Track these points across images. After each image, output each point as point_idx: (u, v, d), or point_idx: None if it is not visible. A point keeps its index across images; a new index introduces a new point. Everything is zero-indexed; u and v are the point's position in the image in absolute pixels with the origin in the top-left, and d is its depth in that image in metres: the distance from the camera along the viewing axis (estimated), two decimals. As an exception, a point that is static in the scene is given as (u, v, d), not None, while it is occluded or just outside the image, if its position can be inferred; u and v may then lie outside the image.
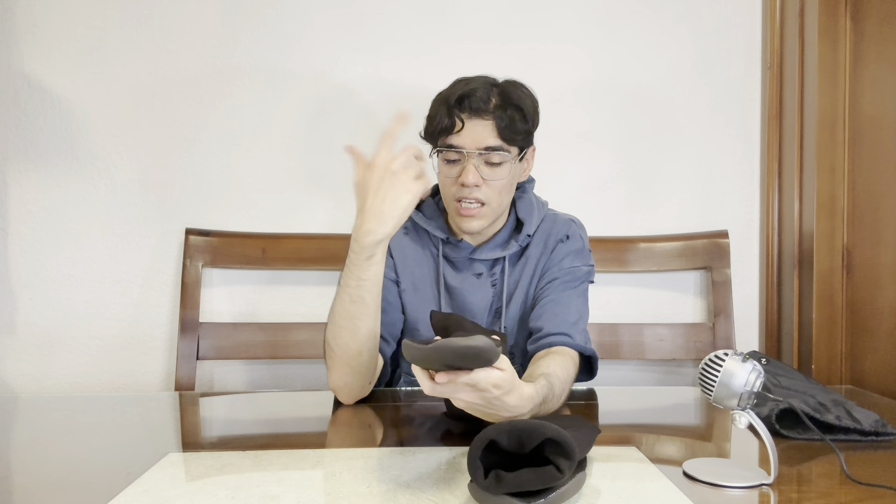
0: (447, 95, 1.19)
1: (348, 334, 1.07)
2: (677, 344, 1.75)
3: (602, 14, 1.78)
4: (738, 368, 0.79)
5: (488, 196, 1.18)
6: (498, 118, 1.16)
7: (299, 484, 0.79)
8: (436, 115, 1.19)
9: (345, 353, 1.08)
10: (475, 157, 1.16)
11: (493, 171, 1.18)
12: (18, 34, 1.67)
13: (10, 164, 1.68)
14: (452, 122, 1.16)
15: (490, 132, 1.16)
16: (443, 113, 1.17)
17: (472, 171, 1.16)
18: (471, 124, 1.16)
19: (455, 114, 1.16)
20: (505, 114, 1.16)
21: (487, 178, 1.17)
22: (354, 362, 1.09)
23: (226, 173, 1.73)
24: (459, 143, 1.17)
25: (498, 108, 1.16)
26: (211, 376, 1.76)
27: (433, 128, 1.19)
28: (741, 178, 1.82)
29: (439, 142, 1.19)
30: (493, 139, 1.16)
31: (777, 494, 0.79)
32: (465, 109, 1.16)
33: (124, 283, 1.72)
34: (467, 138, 1.16)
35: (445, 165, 1.20)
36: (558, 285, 1.22)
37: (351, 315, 1.06)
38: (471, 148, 1.16)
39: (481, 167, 1.17)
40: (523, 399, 0.86)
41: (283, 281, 1.75)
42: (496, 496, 0.69)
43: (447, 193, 1.21)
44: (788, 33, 1.73)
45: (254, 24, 1.73)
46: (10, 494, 0.79)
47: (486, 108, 1.16)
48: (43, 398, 1.42)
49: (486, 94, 1.17)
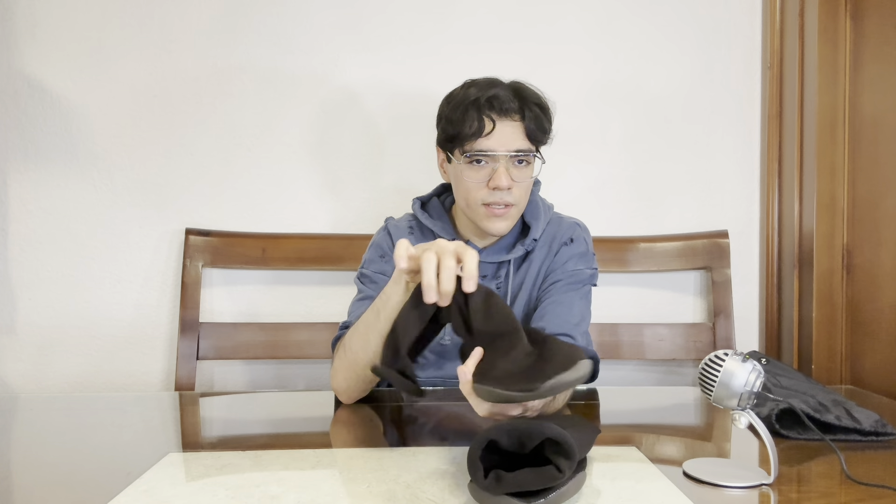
0: (471, 98, 1.16)
1: (361, 343, 1.05)
2: (677, 344, 1.75)
3: (602, 15, 1.78)
4: (738, 368, 0.79)
5: (517, 197, 1.18)
6: (526, 119, 1.16)
7: (299, 484, 0.79)
8: (462, 120, 1.16)
9: (354, 359, 1.06)
10: (506, 160, 1.16)
11: (521, 172, 1.18)
12: (18, 34, 1.67)
13: (10, 164, 1.68)
14: (483, 124, 1.15)
15: (519, 134, 1.16)
16: (472, 116, 1.15)
17: (505, 174, 1.15)
18: (501, 126, 1.15)
19: (486, 116, 1.15)
20: (532, 113, 1.16)
21: (517, 180, 1.17)
22: (360, 371, 1.07)
23: (226, 173, 1.73)
24: (490, 146, 1.15)
25: (523, 109, 1.16)
26: (211, 376, 1.76)
27: (460, 132, 1.16)
28: (741, 178, 1.82)
29: (466, 146, 1.17)
30: (522, 141, 1.16)
31: (777, 494, 0.79)
32: (496, 111, 1.15)
33: (124, 283, 1.72)
34: (497, 141, 1.15)
35: (471, 170, 1.17)
36: (561, 287, 1.22)
37: (368, 324, 1.03)
38: (502, 151, 1.15)
39: (511, 169, 1.16)
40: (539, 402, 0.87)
41: (283, 281, 1.75)
42: (496, 496, 0.69)
43: (474, 197, 1.18)
44: (788, 33, 1.73)
45: (254, 25, 1.73)
46: (10, 494, 0.79)
47: (514, 108, 1.16)
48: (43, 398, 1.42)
49: (509, 96, 1.16)
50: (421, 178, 1.73)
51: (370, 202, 1.76)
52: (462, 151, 1.17)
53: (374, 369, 0.89)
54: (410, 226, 1.31)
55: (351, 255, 1.66)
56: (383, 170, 1.77)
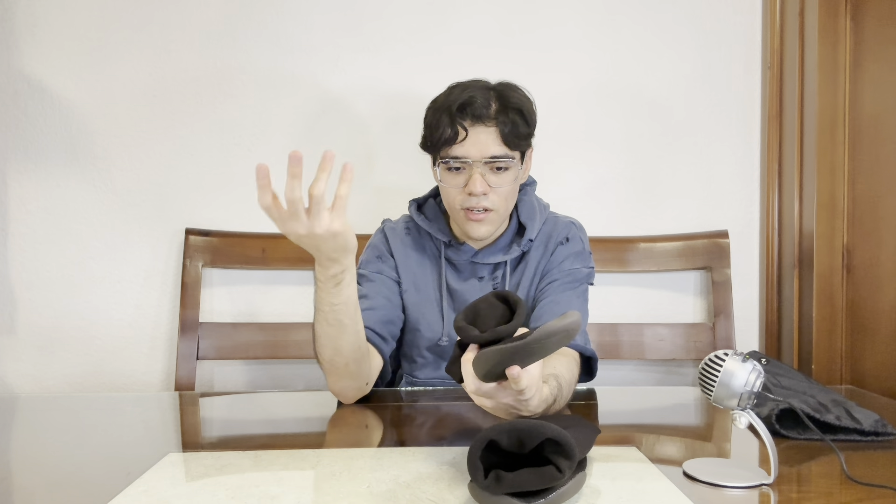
0: (446, 104, 1.16)
1: (331, 352, 1.04)
2: (677, 344, 1.75)
3: (602, 14, 1.78)
4: (738, 368, 0.79)
5: (495, 202, 1.18)
6: (501, 124, 1.14)
7: (299, 484, 0.79)
8: (437, 126, 1.16)
9: (332, 365, 1.07)
10: (480, 165, 1.15)
11: (498, 177, 1.17)
12: (18, 34, 1.67)
13: (10, 164, 1.68)
14: (455, 131, 1.14)
15: (494, 139, 1.15)
16: (445, 123, 1.14)
17: (479, 180, 1.14)
18: (474, 132, 1.14)
19: (457, 123, 1.14)
20: (507, 118, 1.15)
21: (494, 186, 1.16)
22: (344, 371, 1.08)
23: (226, 173, 1.73)
24: (464, 153, 1.15)
25: (499, 114, 1.15)
26: (211, 376, 1.76)
27: (434, 138, 1.16)
28: (741, 178, 1.82)
29: (442, 152, 1.17)
30: (497, 147, 1.15)
31: (777, 494, 0.79)
32: (468, 117, 1.14)
33: (124, 283, 1.72)
34: (472, 147, 1.15)
35: (449, 175, 1.18)
36: (558, 286, 1.22)
37: (331, 336, 1.03)
38: (476, 157, 1.15)
39: (487, 175, 1.15)
40: (541, 401, 0.87)
41: (283, 281, 1.75)
42: (496, 496, 0.69)
43: (453, 203, 1.19)
44: (788, 33, 1.73)
45: (254, 25, 1.73)
46: (10, 494, 0.79)
47: (488, 114, 1.14)
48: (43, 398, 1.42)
49: (486, 100, 1.15)
50: (419, 179, 1.72)
51: (368, 203, 1.76)
52: (440, 157, 1.18)
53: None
54: (407, 227, 1.32)
55: (351, 255, 1.66)
56: (381, 171, 1.77)
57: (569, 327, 0.77)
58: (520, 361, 0.78)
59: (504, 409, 0.86)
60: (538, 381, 0.84)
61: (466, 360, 0.83)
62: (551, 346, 0.79)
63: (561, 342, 0.79)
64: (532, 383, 0.81)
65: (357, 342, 1.06)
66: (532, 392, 0.82)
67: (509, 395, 0.83)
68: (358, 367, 1.09)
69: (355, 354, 1.06)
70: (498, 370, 0.79)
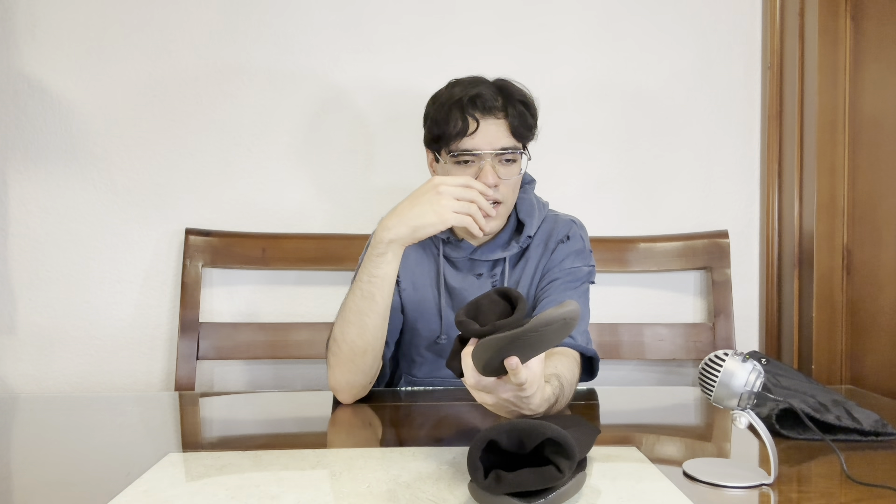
0: (456, 98, 1.17)
1: (356, 331, 1.07)
2: (677, 344, 1.75)
3: (602, 14, 1.78)
4: (738, 368, 0.79)
5: (505, 195, 1.19)
6: (510, 116, 1.16)
7: (299, 484, 0.79)
8: (446, 119, 1.16)
9: (351, 350, 1.08)
10: (491, 158, 1.16)
11: (507, 169, 1.18)
12: (18, 34, 1.67)
13: (10, 164, 1.68)
14: (467, 124, 1.15)
15: (504, 131, 1.16)
16: (455, 116, 1.15)
17: (491, 171, 1.15)
18: (485, 124, 1.15)
19: (469, 115, 1.15)
20: (515, 111, 1.16)
21: (504, 178, 1.17)
22: (359, 360, 1.09)
23: (226, 173, 1.73)
24: (475, 145, 1.16)
25: (506, 106, 1.16)
26: (211, 376, 1.76)
27: (445, 131, 1.17)
28: (741, 178, 1.82)
29: (452, 145, 1.17)
30: (507, 138, 1.17)
31: (777, 494, 0.79)
32: (478, 110, 1.15)
33: (124, 283, 1.72)
34: (482, 140, 1.15)
35: (458, 168, 1.18)
36: (559, 286, 1.22)
37: (360, 311, 1.07)
38: (487, 149, 1.16)
39: (497, 167, 1.17)
40: (543, 400, 0.87)
41: (283, 281, 1.75)
42: (496, 496, 0.69)
43: None
44: (788, 33, 1.73)
45: (254, 25, 1.73)
46: (10, 494, 0.79)
47: (497, 106, 1.16)
48: (43, 398, 1.42)
49: (492, 94, 1.17)
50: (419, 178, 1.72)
51: (368, 202, 1.76)
52: (448, 151, 1.18)
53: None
54: None
55: (351, 254, 1.66)
56: (381, 170, 1.77)
57: (566, 316, 0.76)
58: (519, 351, 0.78)
59: (504, 405, 0.85)
60: (540, 379, 0.83)
61: (466, 353, 0.83)
62: (550, 336, 0.77)
63: (560, 332, 0.77)
64: (533, 380, 0.81)
65: (382, 327, 1.09)
66: (533, 389, 0.82)
67: (509, 390, 0.82)
68: (373, 359, 1.11)
69: (376, 342, 1.09)
70: (497, 361, 0.78)
